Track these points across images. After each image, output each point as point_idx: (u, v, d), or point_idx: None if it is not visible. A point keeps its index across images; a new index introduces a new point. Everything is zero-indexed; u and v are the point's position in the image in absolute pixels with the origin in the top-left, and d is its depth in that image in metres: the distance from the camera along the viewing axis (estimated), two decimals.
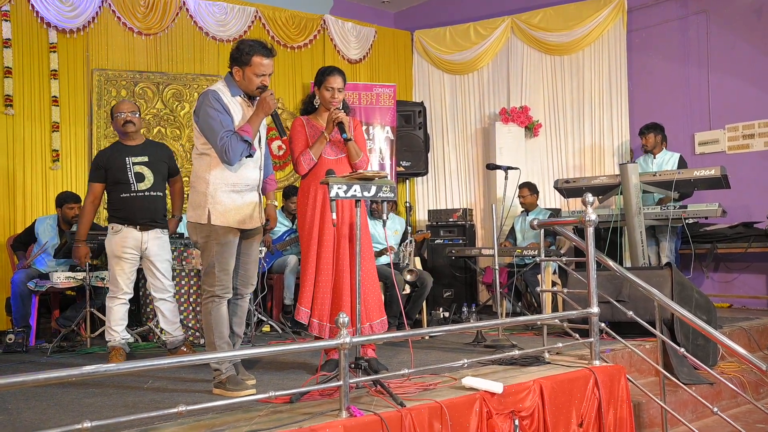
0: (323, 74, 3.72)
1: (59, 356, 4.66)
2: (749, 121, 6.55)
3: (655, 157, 6.34)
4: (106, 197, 4.51)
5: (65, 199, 5.62)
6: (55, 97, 6.42)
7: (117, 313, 4.38)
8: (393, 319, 5.11)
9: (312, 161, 3.69)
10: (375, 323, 3.63)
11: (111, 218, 4.40)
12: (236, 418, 2.68)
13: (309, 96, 3.86)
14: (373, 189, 3.08)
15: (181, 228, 5.90)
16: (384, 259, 5.65)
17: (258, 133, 3.40)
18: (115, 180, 4.38)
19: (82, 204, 5.68)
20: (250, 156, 3.33)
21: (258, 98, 3.32)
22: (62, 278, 5.28)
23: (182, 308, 5.16)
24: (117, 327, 4.38)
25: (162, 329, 4.62)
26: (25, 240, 5.66)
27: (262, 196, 3.53)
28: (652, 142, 6.34)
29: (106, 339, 4.43)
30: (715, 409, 3.50)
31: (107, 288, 5.30)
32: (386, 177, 3.18)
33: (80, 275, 5.23)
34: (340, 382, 2.59)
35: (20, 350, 4.87)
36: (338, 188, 3.00)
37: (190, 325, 5.14)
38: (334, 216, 3.10)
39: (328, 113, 3.68)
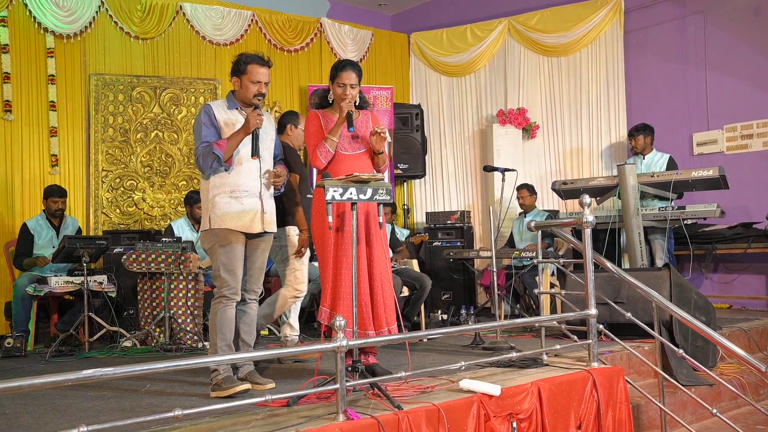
0: (335, 69, 3.49)
1: (57, 360, 4.66)
2: (747, 121, 6.55)
3: (644, 158, 6.34)
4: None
5: (51, 192, 5.72)
6: (52, 102, 6.44)
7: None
8: None
9: (329, 153, 3.45)
10: (393, 327, 3.47)
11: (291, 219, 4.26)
12: (233, 422, 2.68)
13: (323, 91, 3.61)
14: (369, 191, 3.08)
15: (185, 234, 5.91)
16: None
17: (258, 147, 3.43)
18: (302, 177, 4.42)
19: (65, 199, 5.79)
20: (226, 171, 3.38)
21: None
22: (60, 283, 5.28)
23: (180, 312, 5.16)
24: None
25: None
26: (28, 249, 5.61)
27: (268, 204, 3.50)
28: (642, 144, 6.33)
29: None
30: (715, 411, 3.50)
31: (104, 292, 5.32)
32: (382, 179, 3.18)
33: (78, 280, 5.23)
34: (337, 386, 2.59)
35: (19, 354, 4.87)
36: (334, 191, 3.00)
37: (188, 329, 5.13)
38: (331, 219, 3.09)
39: (340, 110, 3.43)
